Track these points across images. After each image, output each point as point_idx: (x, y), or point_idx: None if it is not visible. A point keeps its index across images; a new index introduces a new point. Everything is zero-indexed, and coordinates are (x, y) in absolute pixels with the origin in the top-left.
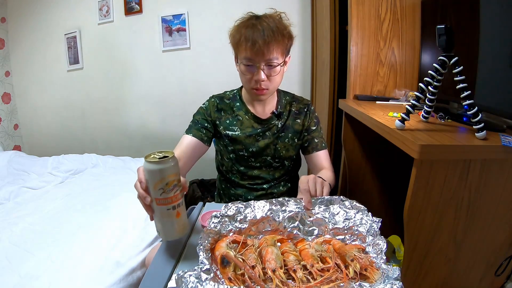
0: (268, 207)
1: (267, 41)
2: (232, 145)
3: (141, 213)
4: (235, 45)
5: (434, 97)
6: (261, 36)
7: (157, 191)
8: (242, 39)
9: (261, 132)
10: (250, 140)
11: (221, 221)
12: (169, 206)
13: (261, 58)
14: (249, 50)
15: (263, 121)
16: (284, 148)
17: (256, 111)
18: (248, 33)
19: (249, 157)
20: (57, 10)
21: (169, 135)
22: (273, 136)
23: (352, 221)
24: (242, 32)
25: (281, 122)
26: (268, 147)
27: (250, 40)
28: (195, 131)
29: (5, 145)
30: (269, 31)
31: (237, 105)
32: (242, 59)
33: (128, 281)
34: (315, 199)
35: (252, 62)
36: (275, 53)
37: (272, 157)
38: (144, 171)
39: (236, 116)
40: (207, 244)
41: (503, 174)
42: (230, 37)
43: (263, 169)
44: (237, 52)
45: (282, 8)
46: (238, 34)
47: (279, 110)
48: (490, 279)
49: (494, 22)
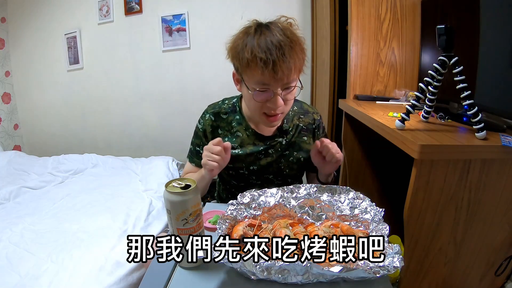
0: (280, 193)
1: (288, 61)
2: (231, 163)
3: (141, 213)
4: (243, 64)
5: (434, 97)
6: (279, 56)
7: (179, 222)
8: (253, 59)
9: (263, 150)
10: (251, 158)
11: (237, 208)
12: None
13: (280, 83)
14: (267, 74)
15: (265, 139)
16: (288, 167)
17: (257, 128)
18: (261, 51)
19: (249, 175)
20: (57, 10)
21: (169, 135)
22: (277, 154)
23: (358, 209)
24: (252, 48)
25: (286, 139)
26: (270, 166)
27: (266, 62)
28: (197, 160)
29: (5, 145)
30: (288, 48)
31: (236, 119)
32: (254, 84)
33: (128, 281)
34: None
35: (268, 87)
36: (294, 75)
37: (275, 176)
38: (165, 201)
39: (235, 133)
40: (224, 229)
41: (503, 174)
42: (231, 51)
43: (264, 186)
44: (244, 72)
45: (282, 8)
46: (246, 52)
47: (285, 127)
48: (490, 279)
49: (494, 22)
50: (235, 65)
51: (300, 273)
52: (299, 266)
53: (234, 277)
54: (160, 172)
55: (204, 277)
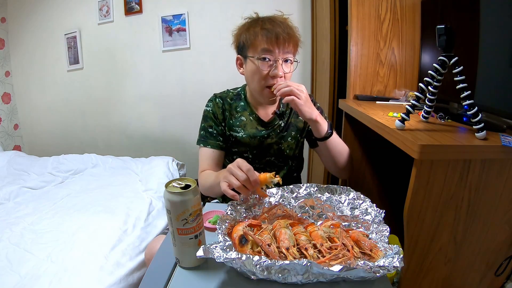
0: (280, 193)
1: (289, 35)
2: (235, 146)
3: (141, 213)
4: (248, 37)
5: (434, 97)
6: (282, 30)
7: (179, 222)
8: (260, 31)
9: (265, 134)
10: (254, 141)
11: (237, 209)
12: (191, 236)
13: (281, 51)
14: (270, 41)
15: (266, 124)
16: (288, 147)
17: (259, 113)
18: (266, 26)
19: (253, 158)
20: (57, 10)
21: (169, 135)
22: (277, 136)
23: (358, 210)
24: (257, 27)
25: (283, 121)
26: (271, 147)
27: (270, 31)
28: (212, 141)
29: (5, 145)
30: (287, 26)
31: (241, 105)
32: (259, 52)
33: (128, 281)
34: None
35: (271, 54)
36: (292, 49)
37: (276, 157)
38: (165, 200)
39: (239, 117)
40: (224, 229)
41: (503, 174)
42: (237, 36)
43: (266, 170)
44: (250, 45)
45: (282, 8)
46: (252, 29)
47: (281, 110)
48: (490, 279)
49: (494, 22)
50: (241, 44)
51: (300, 272)
52: (299, 265)
53: (234, 277)
54: (160, 172)
55: (204, 277)
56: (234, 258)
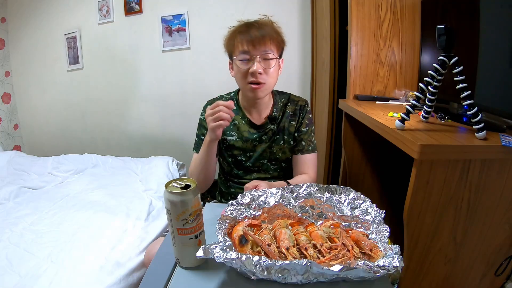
0: (280, 193)
1: (263, 34)
2: (229, 150)
3: (141, 213)
4: (230, 44)
5: (434, 97)
6: (256, 30)
7: (179, 222)
8: (237, 36)
9: (257, 137)
10: (247, 145)
11: (237, 209)
12: (191, 236)
13: (257, 50)
14: (245, 43)
15: (258, 127)
16: (280, 150)
17: (252, 117)
18: (242, 29)
19: (246, 161)
20: (57, 10)
21: (169, 135)
22: (269, 140)
23: (358, 210)
24: (236, 32)
25: (275, 125)
26: (264, 151)
27: (245, 34)
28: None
29: (5, 145)
30: (264, 26)
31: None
32: (238, 54)
33: (128, 281)
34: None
35: (248, 55)
36: (270, 46)
37: (269, 160)
38: (165, 200)
39: (232, 121)
40: (224, 229)
41: (503, 174)
42: (225, 42)
43: (261, 173)
44: (232, 50)
45: (282, 8)
46: (233, 35)
47: (274, 114)
48: (490, 279)
49: (494, 22)
50: (227, 49)
51: (300, 272)
52: (299, 265)
53: (234, 277)
54: (160, 172)
55: (204, 277)
56: (234, 258)
